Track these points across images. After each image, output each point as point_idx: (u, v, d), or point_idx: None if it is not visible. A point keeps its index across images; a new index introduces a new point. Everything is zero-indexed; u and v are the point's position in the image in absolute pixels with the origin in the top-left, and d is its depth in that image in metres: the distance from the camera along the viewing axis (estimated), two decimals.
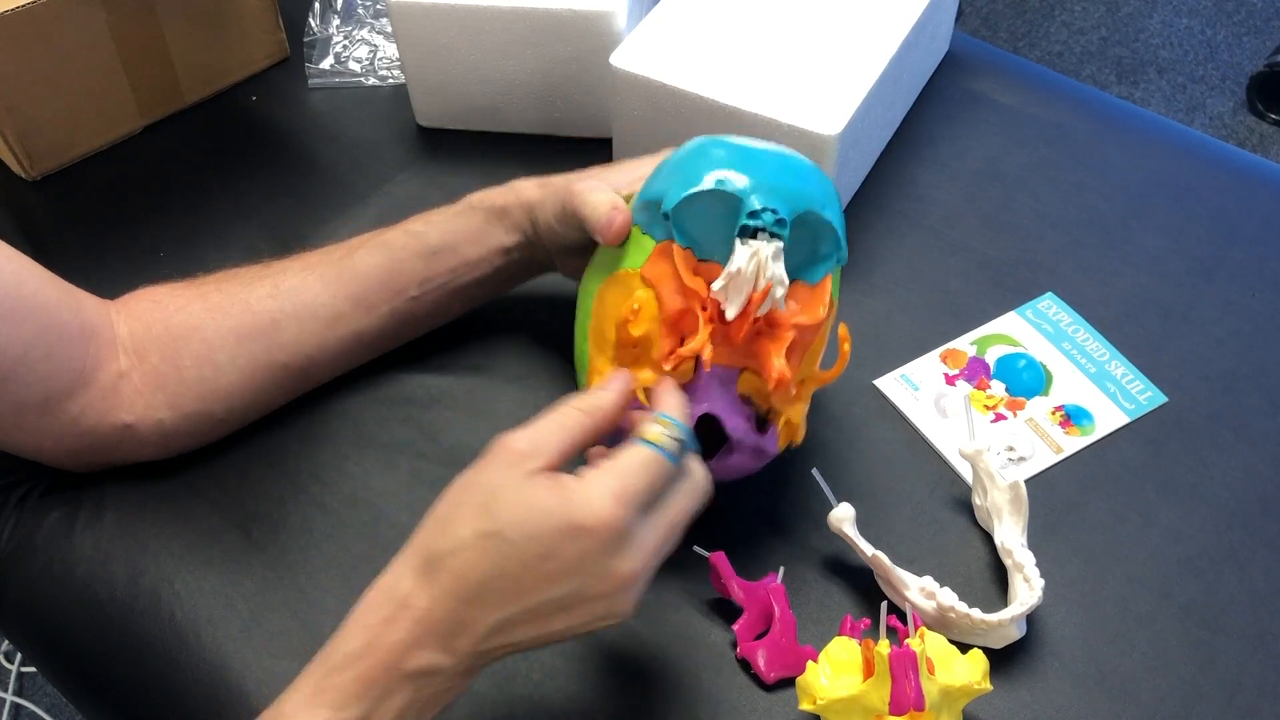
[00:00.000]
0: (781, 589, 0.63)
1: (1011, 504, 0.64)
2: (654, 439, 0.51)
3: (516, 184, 0.70)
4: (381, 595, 0.51)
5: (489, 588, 0.49)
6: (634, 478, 0.50)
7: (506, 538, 0.49)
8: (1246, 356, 0.76)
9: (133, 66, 0.90)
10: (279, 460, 0.72)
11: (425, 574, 0.50)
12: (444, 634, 0.50)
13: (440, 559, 0.50)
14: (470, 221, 0.70)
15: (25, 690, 1.36)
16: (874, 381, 0.75)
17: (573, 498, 0.49)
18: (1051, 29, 2.16)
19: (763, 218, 0.57)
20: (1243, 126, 1.98)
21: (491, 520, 0.49)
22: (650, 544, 0.51)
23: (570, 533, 0.49)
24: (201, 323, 0.68)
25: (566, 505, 0.49)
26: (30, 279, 0.63)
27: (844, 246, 0.60)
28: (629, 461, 0.50)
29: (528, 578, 0.49)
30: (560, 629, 0.51)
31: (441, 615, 0.50)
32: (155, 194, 0.89)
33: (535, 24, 0.84)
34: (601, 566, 0.49)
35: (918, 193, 0.87)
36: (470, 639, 0.50)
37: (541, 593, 0.49)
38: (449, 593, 0.49)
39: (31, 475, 0.72)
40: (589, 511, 0.49)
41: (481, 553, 0.49)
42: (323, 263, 0.70)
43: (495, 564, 0.49)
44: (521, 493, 0.49)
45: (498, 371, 0.76)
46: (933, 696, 0.54)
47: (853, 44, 0.81)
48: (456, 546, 0.50)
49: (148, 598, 0.67)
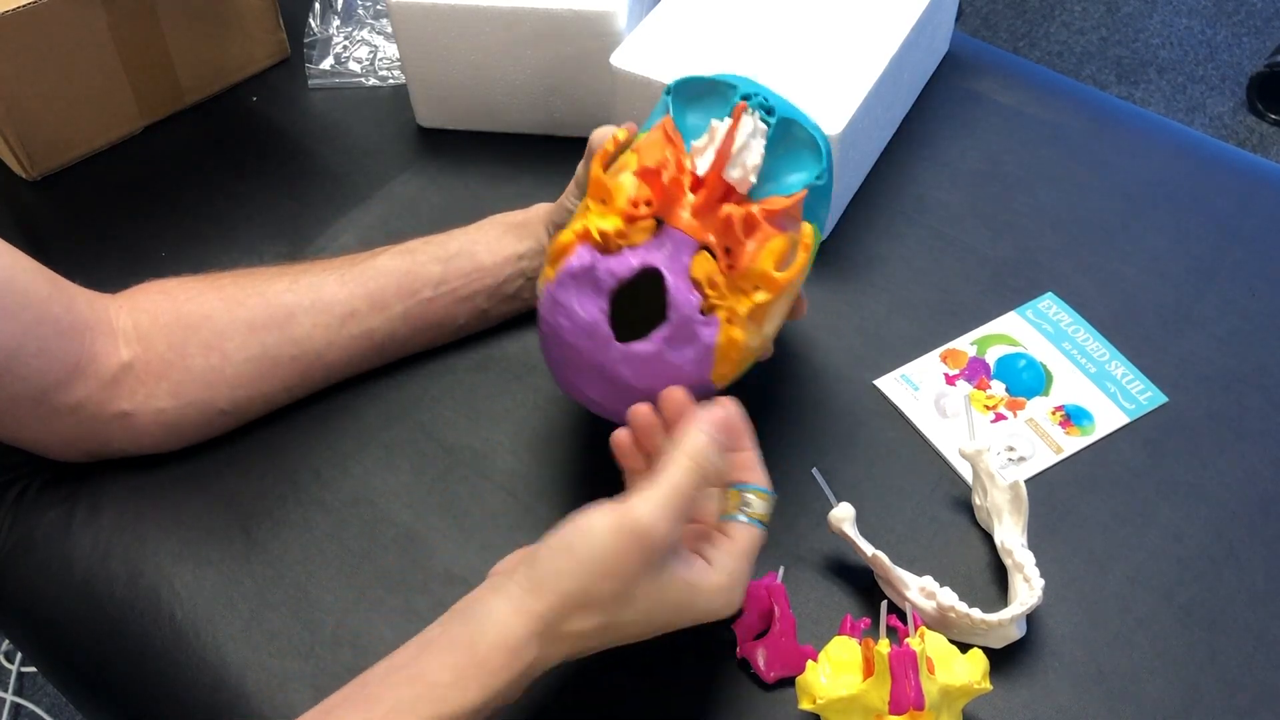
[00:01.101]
0: (781, 589, 0.63)
1: (1011, 504, 0.64)
2: (757, 517, 0.58)
3: (539, 205, 0.75)
4: (503, 646, 0.52)
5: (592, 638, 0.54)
6: (746, 560, 0.56)
7: (629, 620, 0.53)
8: (1246, 356, 0.76)
9: (133, 66, 0.90)
10: (280, 459, 0.72)
11: (549, 641, 0.53)
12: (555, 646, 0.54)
13: (566, 636, 0.53)
14: (489, 231, 0.74)
15: (25, 690, 1.36)
16: (874, 381, 0.75)
17: (701, 591, 0.54)
18: (1051, 29, 2.16)
19: (752, 101, 0.61)
20: (1243, 126, 1.98)
21: (623, 612, 0.53)
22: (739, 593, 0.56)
23: (693, 615, 0.55)
24: (214, 311, 0.69)
25: (698, 600, 0.55)
26: (20, 275, 0.63)
27: (826, 163, 0.62)
28: (741, 541, 0.56)
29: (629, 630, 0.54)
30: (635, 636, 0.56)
31: (551, 657, 0.54)
32: (155, 194, 0.89)
33: (535, 24, 0.84)
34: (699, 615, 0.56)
35: (918, 193, 0.87)
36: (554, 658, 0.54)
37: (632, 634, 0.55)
38: (566, 652, 0.54)
39: (28, 472, 0.72)
40: (714, 606, 0.55)
41: (605, 631, 0.53)
42: (343, 264, 0.72)
43: (612, 633, 0.54)
44: (654, 587, 0.53)
45: (498, 371, 0.76)
46: (933, 696, 0.54)
47: (853, 44, 0.81)
48: (585, 631, 0.53)
49: (147, 596, 0.67)
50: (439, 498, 0.70)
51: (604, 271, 0.59)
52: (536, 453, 0.72)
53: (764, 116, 0.61)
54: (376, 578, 0.66)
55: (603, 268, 0.59)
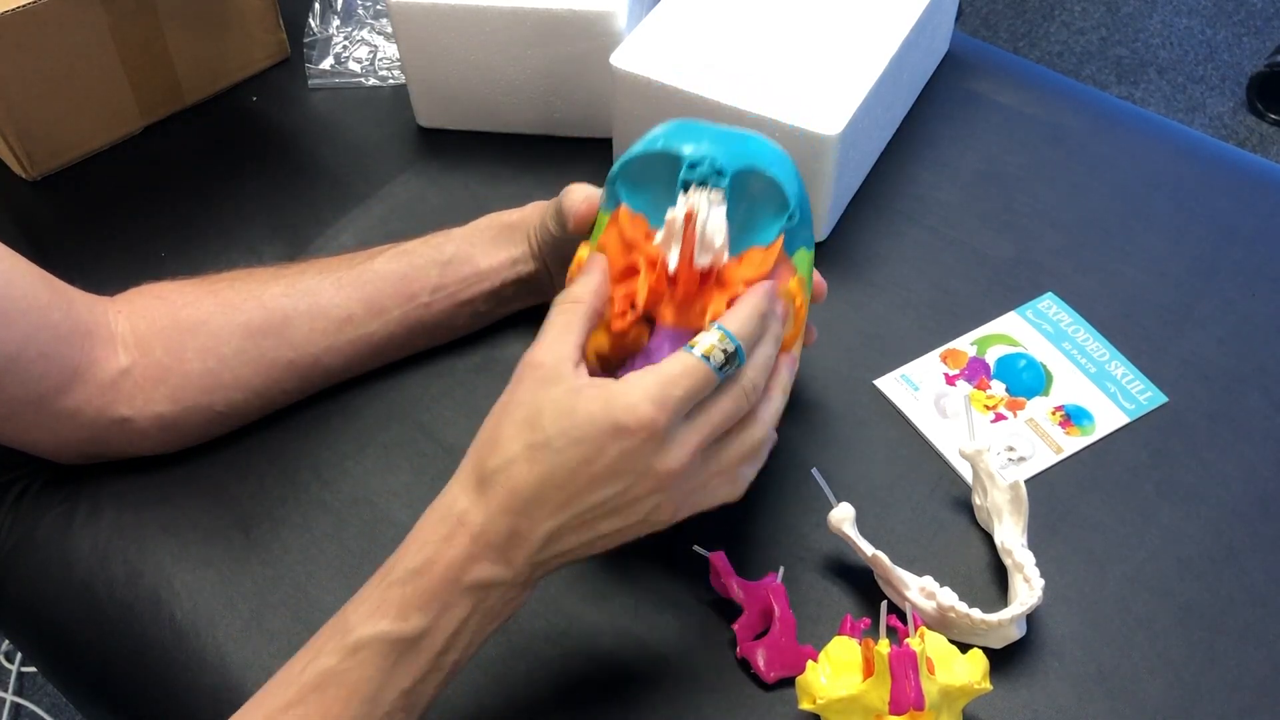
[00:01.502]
0: (781, 589, 0.63)
1: (1011, 504, 0.64)
2: (704, 350, 0.53)
3: (533, 203, 0.74)
4: (438, 514, 0.54)
5: (541, 497, 0.52)
6: (675, 383, 0.52)
7: (554, 446, 0.51)
8: (1246, 356, 0.76)
9: (133, 66, 0.90)
10: (279, 459, 0.72)
11: (480, 491, 0.53)
12: (500, 546, 0.52)
13: (493, 475, 0.52)
14: (485, 232, 0.73)
15: (25, 690, 1.36)
16: (874, 381, 0.75)
17: (615, 401, 0.51)
18: (1051, 29, 2.16)
19: (699, 169, 0.57)
20: (1243, 126, 1.98)
21: (538, 431, 0.52)
22: (691, 444, 0.53)
23: (613, 433, 0.51)
24: (210, 316, 0.68)
25: (609, 408, 0.51)
26: (20, 279, 0.63)
27: (795, 205, 0.58)
28: (671, 367, 0.52)
29: (576, 482, 0.52)
30: (607, 532, 0.53)
31: (498, 529, 0.52)
32: (155, 194, 0.89)
33: (535, 24, 0.84)
34: (644, 464, 0.52)
35: (918, 193, 0.87)
36: (526, 549, 0.52)
37: (590, 495, 0.52)
38: (503, 507, 0.52)
39: (28, 472, 0.72)
40: (630, 412, 0.51)
41: (531, 464, 0.52)
42: (340, 267, 0.72)
43: (545, 473, 0.52)
44: (565, 402, 0.52)
45: (498, 371, 0.76)
46: (933, 696, 0.54)
47: (853, 44, 0.81)
48: (507, 461, 0.52)
49: (147, 597, 0.67)
50: None
51: None
52: None
53: (716, 183, 0.57)
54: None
55: None
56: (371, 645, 0.51)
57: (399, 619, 0.51)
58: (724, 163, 0.57)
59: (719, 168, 0.57)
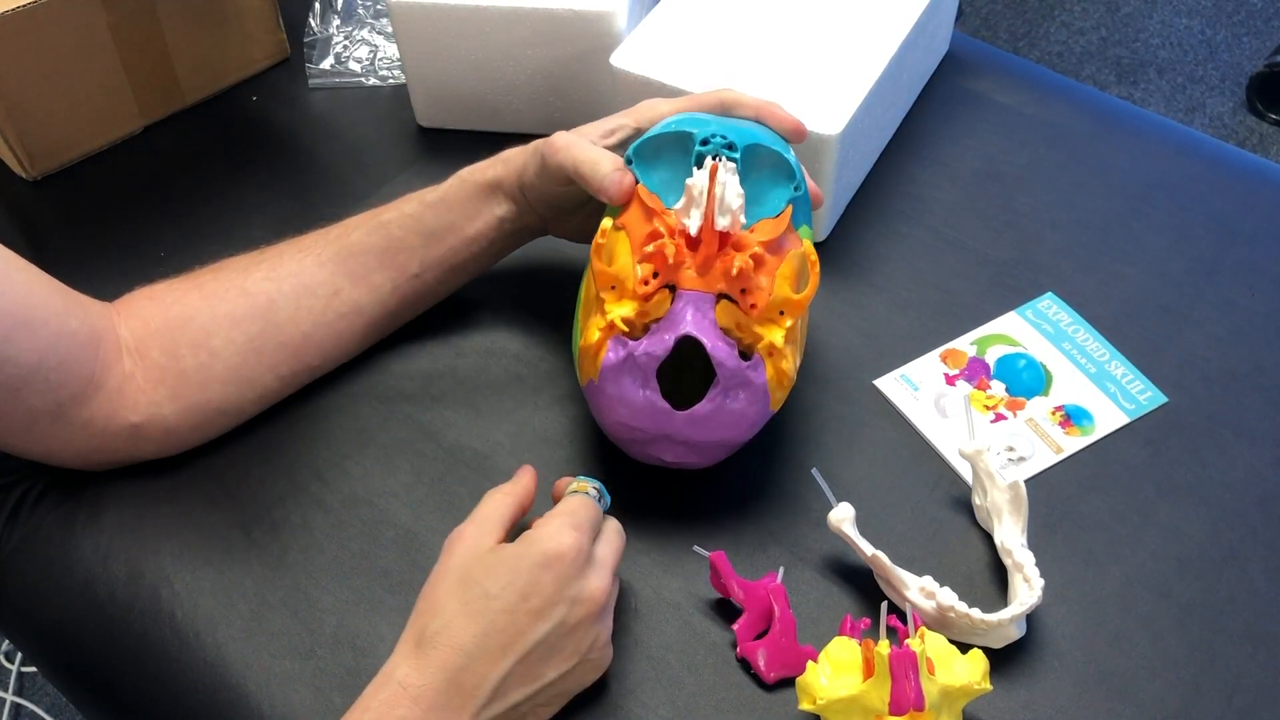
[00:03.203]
0: (781, 589, 0.63)
1: (1011, 504, 0.64)
2: (580, 489, 0.61)
3: (506, 153, 0.71)
4: (381, 679, 0.55)
5: (483, 645, 0.54)
6: (579, 513, 0.58)
7: (490, 593, 0.55)
8: (1246, 356, 0.76)
9: (133, 66, 0.90)
10: (279, 460, 0.72)
11: (419, 654, 0.54)
12: (443, 707, 0.53)
13: (434, 637, 0.54)
14: (465, 197, 0.71)
15: (25, 690, 1.36)
16: (874, 381, 0.75)
17: (538, 537, 0.56)
18: (1051, 29, 2.16)
19: (712, 142, 0.62)
20: (1243, 126, 1.98)
21: (473, 586, 0.55)
22: (608, 568, 0.58)
23: (544, 563, 0.55)
24: (197, 311, 0.68)
25: (535, 545, 0.56)
26: (39, 289, 0.63)
27: (799, 175, 0.64)
28: (570, 502, 0.59)
29: (516, 623, 0.54)
30: (552, 678, 0.56)
31: (438, 688, 0.53)
32: (155, 194, 0.89)
33: (535, 24, 0.84)
34: (575, 589, 0.55)
35: (918, 193, 0.87)
36: (471, 707, 0.54)
37: (530, 633, 0.54)
38: (442, 664, 0.54)
39: (30, 475, 0.72)
40: (556, 541, 0.56)
41: (470, 617, 0.54)
42: (318, 243, 0.72)
43: (485, 622, 0.54)
44: (492, 557, 0.56)
45: (498, 371, 0.76)
46: (933, 696, 0.54)
47: (853, 44, 0.81)
48: (447, 621, 0.55)
49: (148, 597, 0.67)
50: (439, 498, 0.70)
51: (643, 356, 0.61)
52: (536, 453, 0.72)
53: (729, 155, 0.62)
54: (376, 578, 0.66)
55: (640, 352, 0.61)
56: None
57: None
58: (734, 138, 0.62)
59: (730, 141, 0.62)
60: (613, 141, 0.68)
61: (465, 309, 0.78)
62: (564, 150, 0.65)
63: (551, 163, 0.66)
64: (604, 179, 0.63)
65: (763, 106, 0.68)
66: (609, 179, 0.63)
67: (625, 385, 0.62)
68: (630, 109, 0.70)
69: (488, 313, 0.79)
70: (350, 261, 0.71)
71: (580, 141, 0.66)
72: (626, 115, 0.69)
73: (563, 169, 0.66)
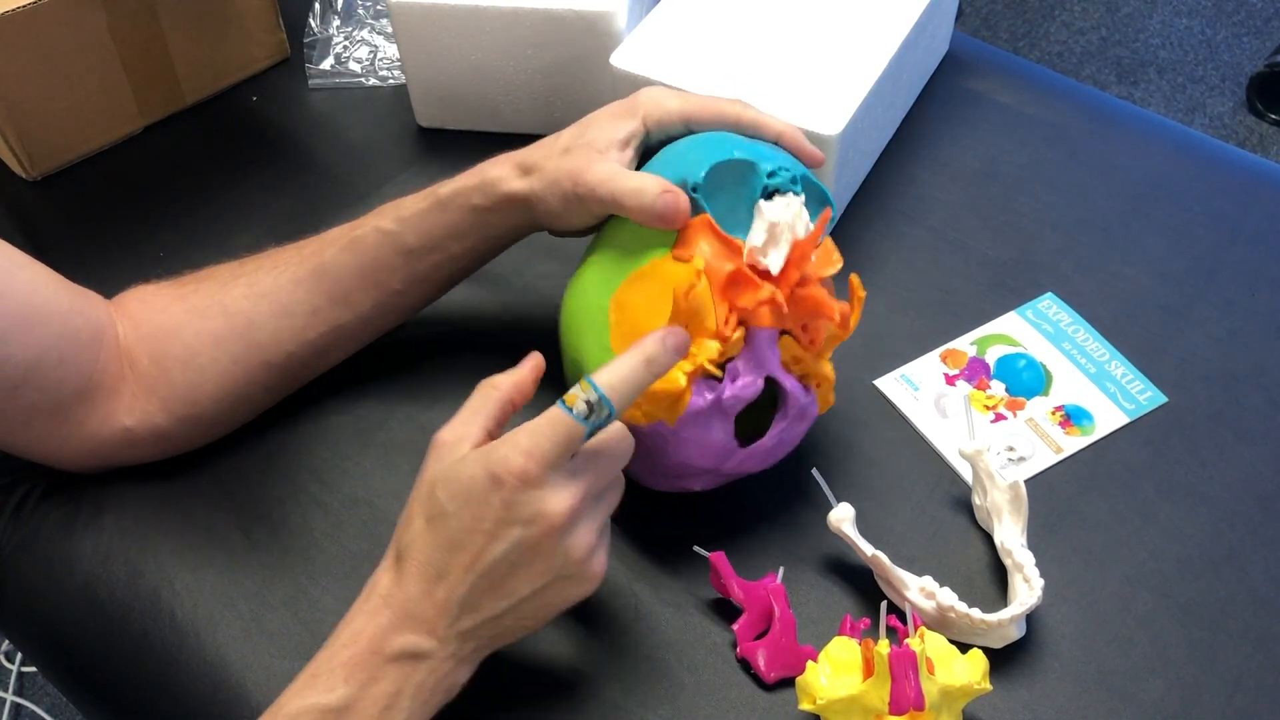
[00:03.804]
0: (781, 589, 0.63)
1: (1011, 504, 0.64)
2: (567, 401, 0.54)
3: (491, 175, 0.66)
4: (365, 593, 0.56)
5: (445, 562, 0.54)
6: (541, 434, 0.53)
7: (446, 511, 0.54)
8: (1246, 356, 0.76)
9: (133, 66, 0.90)
10: (279, 460, 0.72)
11: (395, 566, 0.55)
12: (419, 616, 0.54)
13: (406, 550, 0.55)
14: (449, 218, 0.67)
15: (25, 690, 1.36)
16: (874, 381, 0.75)
17: (490, 457, 0.53)
18: (1051, 29, 2.16)
19: (779, 175, 0.61)
20: (1243, 126, 1.98)
21: (434, 503, 0.54)
22: (572, 490, 0.54)
23: (490, 485, 0.53)
24: (181, 325, 0.67)
25: (484, 464, 0.53)
26: (43, 286, 0.63)
27: (830, 199, 0.64)
28: (539, 421, 0.54)
29: (473, 541, 0.53)
30: (527, 593, 0.54)
31: (412, 597, 0.54)
32: (155, 194, 0.89)
33: (535, 24, 0.84)
34: (529, 511, 0.53)
35: (918, 193, 0.87)
36: (446, 618, 0.54)
37: (488, 552, 0.53)
38: (414, 576, 0.54)
39: (31, 476, 0.72)
40: (503, 464, 0.53)
41: (432, 533, 0.54)
42: (294, 260, 0.69)
43: (443, 538, 0.54)
44: (451, 471, 0.54)
45: (498, 371, 0.76)
46: (933, 696, 0.54)
47: (853, 44, 0.81)
48: (414, 535, 0.55)
49: (148, 598, 0.67)
50: None
51: (730, 400, 0.60)
52: None
53: (796, 190, 0.61)
54: None
55: (728, 396, 0.60)
56: (301, 717, 0.53)
57: (325, 690, 0.53)
58: (793, 169, 0.62)
59: (794, 175, 0.61)
60: (631, 152, 0.65)
61: (465, 308, 0.78)
62: (602, 185, 0.62)
63: (591, 200, 0.62)
64: (654, 207, 0.60)
65: (786, 131, 0.66)
66: (660, 205, 0.60)
67: (707, 429, 0.61)
68: (630, 104, 0.66)
69: (487, 311, 0.79)
70: (326, 281, 0.68)
71: (615, 172, 0.62)
72: (632, 117, 0.66)
73: (604, 205, 0.62)
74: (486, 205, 0.66)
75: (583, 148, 0.64)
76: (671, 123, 0.66)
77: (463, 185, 0.67)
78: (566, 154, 0.64)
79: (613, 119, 0.66)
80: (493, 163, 0.67)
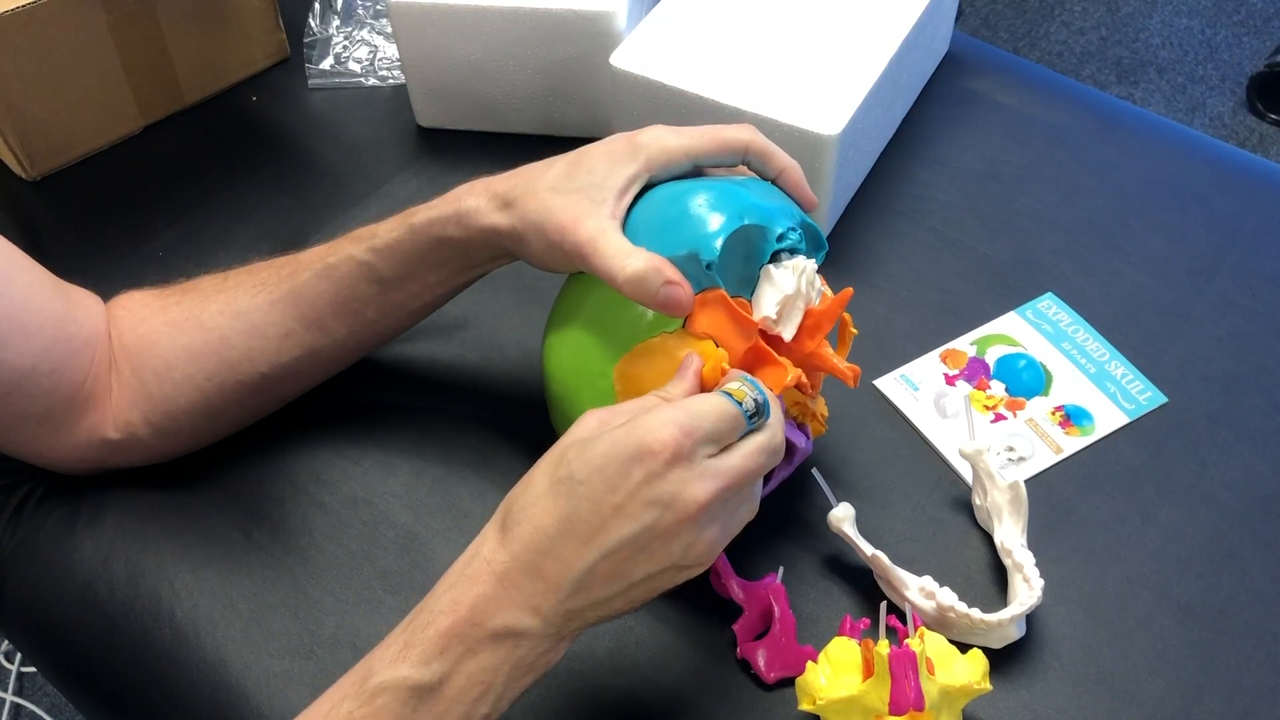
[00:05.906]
0: (781, 589, 0.63)
1: (1011, 504, 0.64)
2: (731, 392, 0.52)
3: (466, 206, 0.61)
4: (467, 554, 0.52)
5: (565, 533, 0.49)
6: (702, 415, 0.50)
7: (576, 478, 0.50)
8: (1246, 356, 0.76)
9: (133, 66, 0.90)
10: (279, 461, 0.72)
11: (504, 530, 0.51)
12: (526, 590, 0.50)
13: (518, 513, 0.51)
14: (422, 248, 0.63)
15: (25, 690, 1.36)
16: (874, 381, 0.75)
17: (639, 425, 0.49)
18: (1051, 29, 2.16)
19: (789, 238, 0.59)
20: (1243, 126, 1.98)
21: (563, 467, 0.50)
22: (720, 481, 0.50)
23: (636, 456, 0.49)
24: (158, 339, 0.66)
25: (632, 433, 0.49)
26: (39, 291, 0.63)
27: (824, 241, 0.63)
28: (700, 401, 0.51)
29: (600, 514, 0.49)
30: (640, 579, 0.50)
31: (521, 569, 0.50)
32: (155, 194, 0.89)
33: (535, 24, 0.84)
34: (670, 492, 0.49)
35: (918, 193, 0.87)
36: (554, 595, 0.50)
37: (616, 530, 0.49)
38: (526, 545, 0.50)
39: (32, 477, 0.72)
40: (652, 434, 0.49)
41: (554, 498, 0.50)
42: (271, 280, 0.66)
43: (567, 507, 0.49)
44: (591, 439, 0.50)
45: (499, 372, 0.76)
46: (932, 696, 0.54)
47: (853, 44, 0.81)
48: (532, 499, 0.50)
49: (148, 598, 0.67)
50: (439, 498, 0.70)
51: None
52: (538, 453, 0.71)
53: (806, 252, 0.60)
54: (376, 578, 0.66)
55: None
56: (390, 691, 0.49)
57: (419, 663, 0.49)
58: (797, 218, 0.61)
59: (801, 233, 0.60)
60: (629, 199, 0.59)
61: (464, 308, 0.78)
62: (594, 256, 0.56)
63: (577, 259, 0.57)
64: (655, 300, 0.56)
65: (789, 168, 0.62)
66: (662, 298, 0.56)
67: None
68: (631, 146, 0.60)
69: (487, 312, 0.79)
70: (300, 305, 0.65)
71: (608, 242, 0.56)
72: (633, 160, 0.59)
73: (592, 272, 0.57)
74: (462, 237, 0.62)
75: (575, 194, 0.58)
76: (677, 163, 0.61)
77: (437, 215, 0.62)
78: (554, 194, 0.58)
79: (612, 162, 0.59)
80: (469, 189, 0.62)
